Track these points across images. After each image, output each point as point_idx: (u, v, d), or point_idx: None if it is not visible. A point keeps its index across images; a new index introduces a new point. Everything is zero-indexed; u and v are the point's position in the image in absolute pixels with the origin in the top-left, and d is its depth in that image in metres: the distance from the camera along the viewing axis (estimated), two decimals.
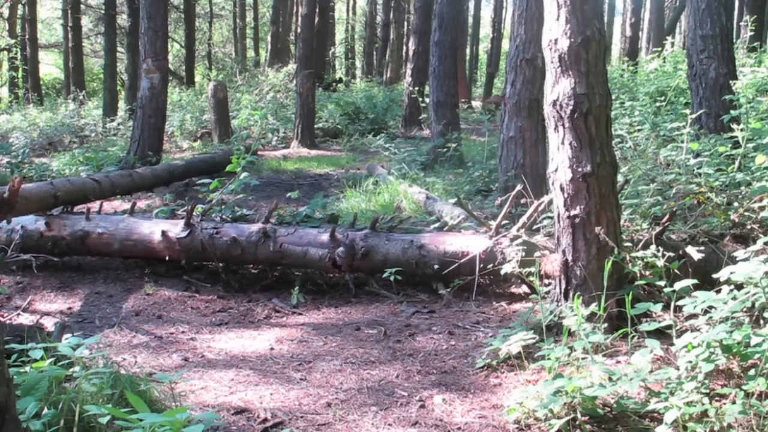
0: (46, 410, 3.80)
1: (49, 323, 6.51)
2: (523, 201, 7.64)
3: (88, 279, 8.21)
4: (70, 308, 7.41)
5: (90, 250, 8.42)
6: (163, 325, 6.91)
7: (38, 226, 8.37)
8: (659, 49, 22.87)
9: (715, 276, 5.00)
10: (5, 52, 36.97)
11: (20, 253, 8.03)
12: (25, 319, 6.89)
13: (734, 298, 4.53)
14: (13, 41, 34.91)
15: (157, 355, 6.12)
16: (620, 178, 6.64)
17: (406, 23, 37.79)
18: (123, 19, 28.79)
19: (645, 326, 4.92)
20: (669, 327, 4.87)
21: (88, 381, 4.10)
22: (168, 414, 3.36)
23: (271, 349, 6.24)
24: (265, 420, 4.79)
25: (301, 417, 4.83)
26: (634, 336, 5.11)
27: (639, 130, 9.77)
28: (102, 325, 6.90)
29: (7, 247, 7.96)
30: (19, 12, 35.67)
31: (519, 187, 7.47)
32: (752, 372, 4.20)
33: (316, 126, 19.66)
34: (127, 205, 9.58)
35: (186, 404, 4.77)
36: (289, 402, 5.07)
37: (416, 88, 19.74)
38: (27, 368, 4.09)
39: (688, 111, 8.16)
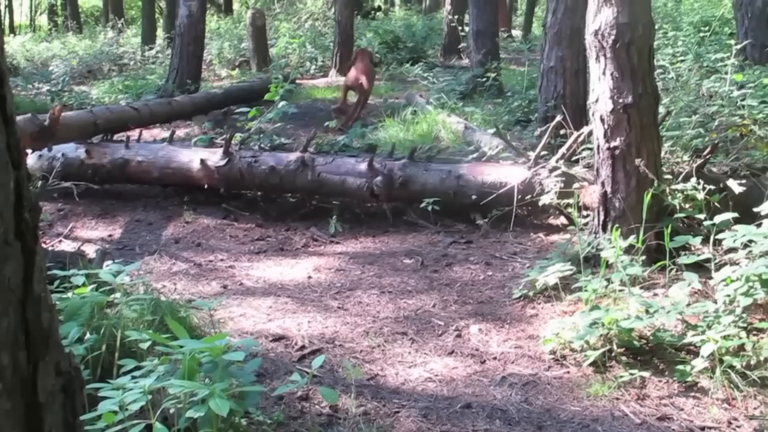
0: (88, 335, 3.86)
1: (90, 250, 6.59)
2: (562, 132, 7.59)
3: (128, 206, 8.28)
4: (110, 235, 7.50)
5: (130, 177, 8.48)
6: (202, 253, 6.98)
7: (79, 154, 8.42)
8: None
9: (756, 210, 4.97)
10: None
11: (61, 180, 8.08)
12: (67, 246, 6.98)
13: None
14: None
15: (196, 282, 6.20)
16: (662, 110, 6.55)
17: None
18: None
19: (684, 259, 4.90)
20: (708, 260, 4.84)
21: (129, 307, 4.16)
22: (207, 340, 3.41)
23: (309, 277, 6.29)
24: (303, 347, 4.85)
25: (339, 345, 4.88)
26: (672, 269, 5.10)
27: (682, 61, 9.60)
28: (142, 252, 6.99)
29: (48, 174, 8.02)
30: None
31: (559, 117, 7.40)
32: None
33: None
34: (166, 134, 9.62)
35: (225, 331, 4.83)
36: (327, 330, 5.13)
37: (456, 17, 19.42)
38: (69, 294, 4.15)
39: (732, 41, 8.01)
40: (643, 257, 5.17)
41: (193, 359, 3.35)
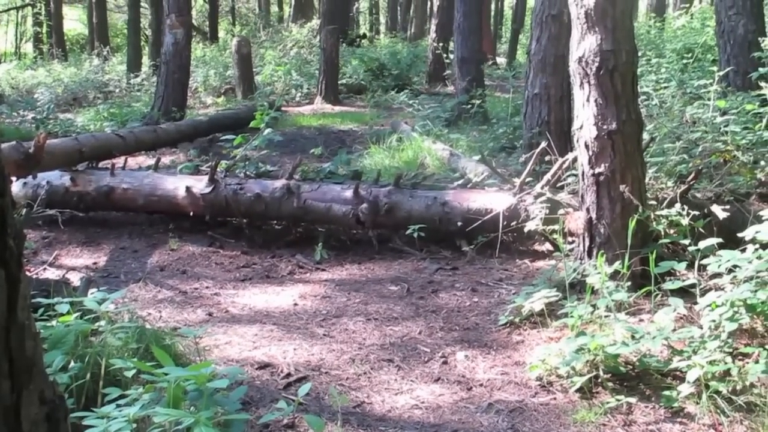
0: (72, 364, 3.84)
1: (75, 278, 6.56)
2: (547, 158, 7.61)
3: (113, 234, 8.26)
4: (95, 263, 7.47)
5: (115, 205, 8.46)
6: (187, 281, 6.95)
7: (63, 182, 8.40)
8: (687, 5, 22.55)
9: (740, 235, 4.98)
10: (30, 8, 37.00)
11: (46, 208, 8.04)
12: (52, 274, 6.95)
13: (759, 258, 4.50)
14: None
15: (181, 309, 6.17)
16: (646, 136, 6.58)
17: None
18: None
19: (669, 285, 4.90)
20: (693, 286, 4.85)
21: (114, 335, 4.14)
22: (193, 368, 3.40)
23: (295, 304, 6.27)
24: (289, 375, 4.83)
25: (325, 372, 4.86)
26: (657, 294, 5.10)
27: (665, 88, 9.66)
28: (127, 280, 6.96)
29: (33, 202, 7.99)
30: None
31: (543, 144, 7.44)
32: None
33: (339, 82, 19.53)
34: (151, 161, 9.60)
35: (210, 359, 4.82)
36: (313, 357, 5.11)
37: (441, 44, 19.52)
38: (54, 322, 4.13)
39: (715, 68, 8.08)
40: (629, 283, 5.18)
41: (178, 387, 3.33)
